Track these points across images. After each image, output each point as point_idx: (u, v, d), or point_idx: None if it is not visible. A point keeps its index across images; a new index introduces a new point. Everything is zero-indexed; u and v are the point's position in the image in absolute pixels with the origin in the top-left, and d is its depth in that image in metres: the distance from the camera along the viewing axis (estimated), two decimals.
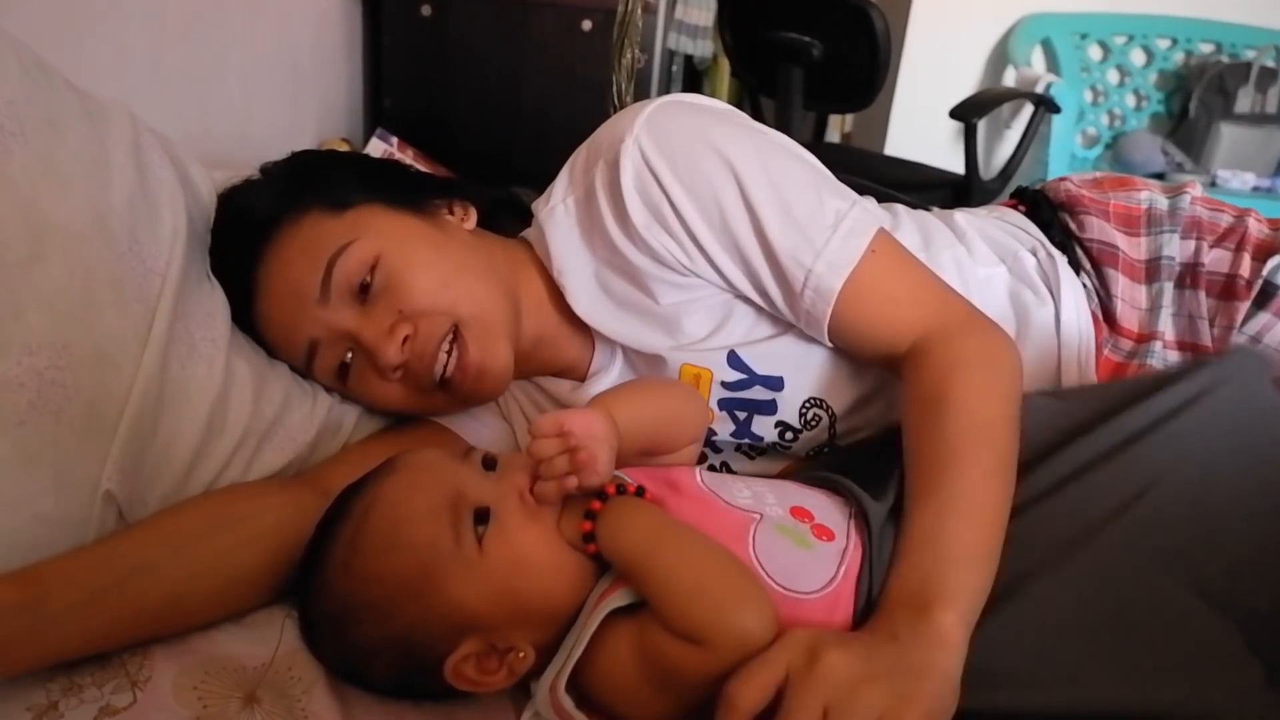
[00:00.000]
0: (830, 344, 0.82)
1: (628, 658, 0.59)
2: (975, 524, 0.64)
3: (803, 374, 0.83)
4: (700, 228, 0.78)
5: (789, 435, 0.86)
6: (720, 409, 0.85)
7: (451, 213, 0.88)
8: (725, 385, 0.84)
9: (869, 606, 0.62)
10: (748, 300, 0.82)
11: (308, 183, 0.82)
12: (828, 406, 0.84)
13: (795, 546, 0.64)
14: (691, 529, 0.61)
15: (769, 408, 0.84)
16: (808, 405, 0.84)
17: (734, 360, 0.83)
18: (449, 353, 0.79)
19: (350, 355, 0.80)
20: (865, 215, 0.80)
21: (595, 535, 0.61)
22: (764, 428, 0.86)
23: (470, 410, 0.92)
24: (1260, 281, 0.87)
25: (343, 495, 0.67)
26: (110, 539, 0.67)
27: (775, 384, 0.83)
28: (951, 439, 0.68)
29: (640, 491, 0.64)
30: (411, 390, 0.81)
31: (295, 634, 0.70)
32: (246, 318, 0.82)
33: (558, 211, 0.85)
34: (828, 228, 0.77)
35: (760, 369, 0.83)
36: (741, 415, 0.85)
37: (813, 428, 0.85)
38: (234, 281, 0.82)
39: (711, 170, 0.77)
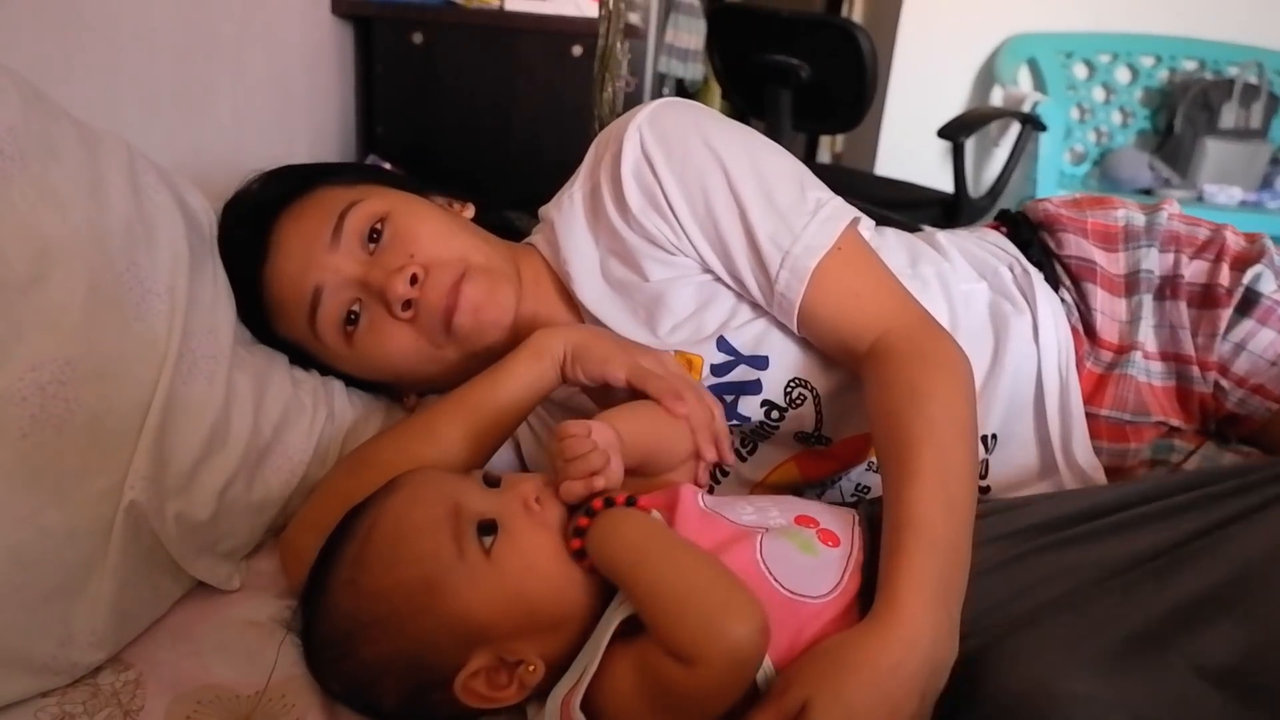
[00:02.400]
0: (800, 334, 0.85)
1: (632, 681, 0.59)
2: (955, 511, 0.66)
3: (787, 355, 0.86)
4: (685, 213, 0.83)
5: (775, 414, 0.88)
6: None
7: (450, 206, 0.93)
8: (714, 370, 0.86)
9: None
10: (729, 287, 0.86)
11: (318, 169, 0.90)
12: (812, 388, 0.87)
13: (801, 552, 0.65)
14: (681, 539, 0.61)
15: (754, 387, 0.87)
16: (792, 385, 0.87)
17: (722, 344, 0.86)
18: (456, 295, 0.83)
19: (357, 307, 0.83)
20: (843, 206, 0.84)
21: (586, 550, 0.61)
22: (750, 408, 0.88)
23: None
24: (1241, 289, 0.88)
25: (346, 518, 0.67)
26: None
27: (760, 363, 0.86)
28: (933, 425, 0.70)
29: (631, 501, 0.64)
30: (421, 336, 0.84)
31: (290, 660, 0.69)
32: (253, 291, 0.85)
33: (566, 205, 0.90)
34: (807, 214, 0.82)
35: (746, 349, 0.86)
36: (729, 398, 0.88)
37: (798, 406, 0.87)
38: (245, 251, 0.85)
39: (702, 160, 0.82)
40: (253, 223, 0.85)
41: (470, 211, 0.95)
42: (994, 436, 0.89)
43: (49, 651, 0.64)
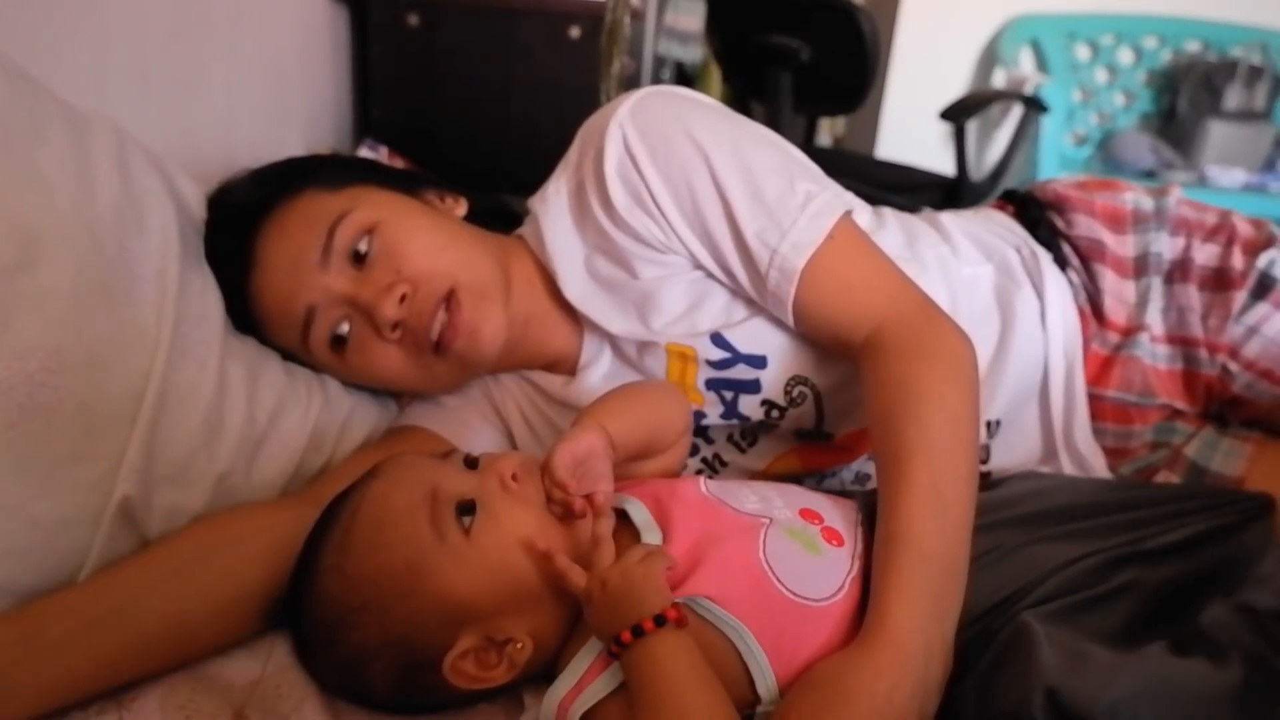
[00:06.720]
0: (797, 330, 0.83)
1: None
2: (950, 519, 0.65)
3: (785, 353, 0.85)
4: (672, 210, 0.81)
5: (775, 414, 0.87)
6: (708, 389, 0.86)
7: (442, 201, 0.90)
8: (710, 364, 0.85)
9: None
10: (722, 282, 0.84)
11: (302, 169, 0.86)
12: (812, 385, 0.86)
13: (805, 551, 0.64)
14: (709, 686, 0.57)
15: (753, 386, 0.86)
16: (792, 383, 0.85)
17: (718, 339, 0.85)
18: (444, 314, 0.80)
19: (348, 325, 0.81)
20: (834, 198, 0.81)
21: (627, 645, 0.57)
22: (750, 407, 0.87)
23: (464, 418, 0.92)
24: (1256, 273, 0.88)
25: (330, 505, 0.67)
26: (106, 570, 0.67)
27: (758, 362, 0.85)
28: (926, 429, 0.68)
29: (661, 620, 0.58)
30: (410, 355, 0.82)
31: (285, 651, 0.69)
32: (241, 299, 0.82)
33: (551, 201, 0.88)
34: (796, 208, 0.79)
35: (743, 348, 0.85)
36: (728, 395, 0.86)
37: (799, 405, 0.86)
38: (231, 261, 0.82)
39: (686, 156, 0.80)
40: (237, 231, 0.82)
41: (463, 208, 0.92)
42: (997, 422, 0.89)
43: None
